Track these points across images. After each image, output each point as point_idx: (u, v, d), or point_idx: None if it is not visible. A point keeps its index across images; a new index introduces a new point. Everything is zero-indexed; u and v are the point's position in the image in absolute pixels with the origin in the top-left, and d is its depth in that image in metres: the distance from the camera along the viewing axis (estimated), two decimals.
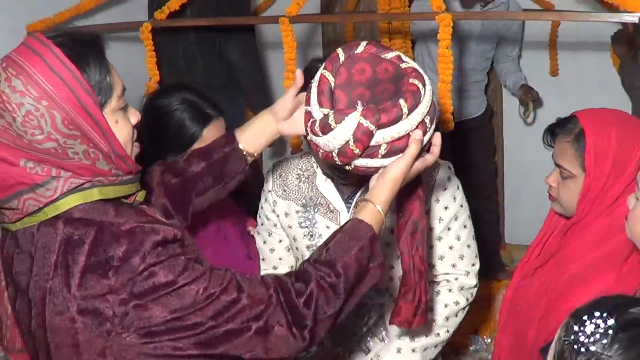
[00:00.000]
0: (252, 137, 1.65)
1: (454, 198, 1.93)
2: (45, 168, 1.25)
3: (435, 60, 3.54)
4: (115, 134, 1.30)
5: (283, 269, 2.10)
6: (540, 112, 4.21)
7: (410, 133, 1.38)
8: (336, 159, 1.41)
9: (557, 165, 1.76)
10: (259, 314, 1.31)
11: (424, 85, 1.39)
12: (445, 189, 1.92)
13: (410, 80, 1.38)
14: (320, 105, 1.39)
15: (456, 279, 1.96)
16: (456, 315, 1.96)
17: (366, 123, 1.33)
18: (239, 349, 1.31)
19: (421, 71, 1.42)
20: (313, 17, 3.60)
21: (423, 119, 1.39)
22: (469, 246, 1.96)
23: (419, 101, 1.37)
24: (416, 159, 1.43)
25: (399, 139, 1.38)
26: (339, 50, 1.44)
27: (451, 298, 1.95)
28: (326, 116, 1.37)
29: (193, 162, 1.66)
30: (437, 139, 1.47)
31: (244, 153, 1.65)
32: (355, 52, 1.43)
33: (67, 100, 1.23)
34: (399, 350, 1.93)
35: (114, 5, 3.33)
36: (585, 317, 1.05)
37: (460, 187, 1.96)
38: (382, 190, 1.43)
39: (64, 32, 1.30)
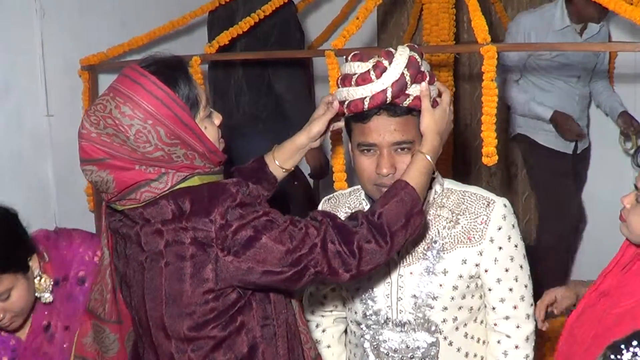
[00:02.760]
0: (288, 156, 1.89)
1: (509, 238, 1.87)
2: (156, 168, 1.53)
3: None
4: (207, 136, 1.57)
5: (326, 308, 2.12)
6: None
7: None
8: (389, 95, 1.66)
9: (635, 187, 1.74)
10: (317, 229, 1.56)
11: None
12: (499, 229, 1.86)
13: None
14: (362, 61, 1.72)
15: (518, 326, 1.90)
16: None
17: (417, 56, 1.68)
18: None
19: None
20: (360, 50, 3.62)
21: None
22: (526, 286, 1.91)
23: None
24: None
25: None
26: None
27: (521, 355, 1.90)
28: (376, 63, 1.68)
29: None
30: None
31: (281, 169, 1.90)
32: None
33: (167, 117, 1.50)
34: None
35: (169, 39, 3.40)
36: (622, 346, 1.11)
37: (517, 225, 1.91)
38: (427, 140, 1.69)
39: (153, 60, 1.55)
